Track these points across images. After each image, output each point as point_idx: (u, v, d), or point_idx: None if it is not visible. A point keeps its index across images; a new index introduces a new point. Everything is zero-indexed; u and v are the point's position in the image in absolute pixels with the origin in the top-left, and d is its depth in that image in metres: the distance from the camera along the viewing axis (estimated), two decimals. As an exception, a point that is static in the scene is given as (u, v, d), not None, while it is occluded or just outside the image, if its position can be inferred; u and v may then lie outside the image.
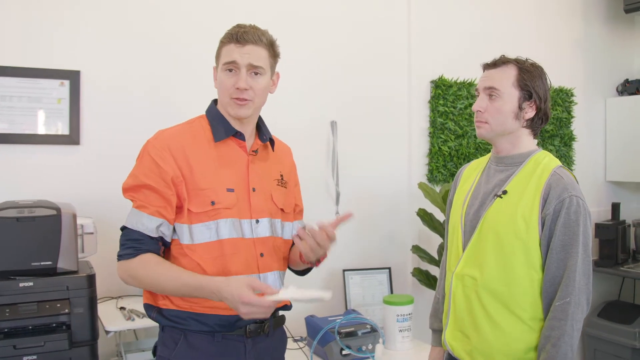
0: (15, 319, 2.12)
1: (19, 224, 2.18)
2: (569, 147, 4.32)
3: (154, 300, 1.80)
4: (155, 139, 1.78)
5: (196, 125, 1.84)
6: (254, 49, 1.76)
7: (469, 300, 1.99)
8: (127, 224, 1.74)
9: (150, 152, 1.75)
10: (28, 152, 2.73)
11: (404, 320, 2.97)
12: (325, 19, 3.42)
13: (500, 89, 1.98)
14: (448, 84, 3.76)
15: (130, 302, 2.72)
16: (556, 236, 1.87)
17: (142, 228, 1.72)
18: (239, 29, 1.77)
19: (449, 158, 3.77)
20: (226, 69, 1.77)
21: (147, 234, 1.72)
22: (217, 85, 1.83)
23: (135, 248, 1.71)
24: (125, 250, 1.73)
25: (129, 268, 1.72)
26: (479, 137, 2.06)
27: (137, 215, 1.73)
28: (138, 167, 1.77)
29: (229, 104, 1.79)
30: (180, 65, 2.98)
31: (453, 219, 2.14)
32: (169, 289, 1.70)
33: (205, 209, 1.74)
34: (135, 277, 1.71)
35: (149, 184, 1.73)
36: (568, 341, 1.82)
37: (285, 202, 1.95)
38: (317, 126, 3.41)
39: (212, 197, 1.75)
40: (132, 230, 1.73)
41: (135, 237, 1.72)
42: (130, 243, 1.72)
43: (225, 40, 1.78)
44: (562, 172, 1.94)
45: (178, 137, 1.78)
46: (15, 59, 2.70)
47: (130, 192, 1.77)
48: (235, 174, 1.82)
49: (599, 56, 4.53)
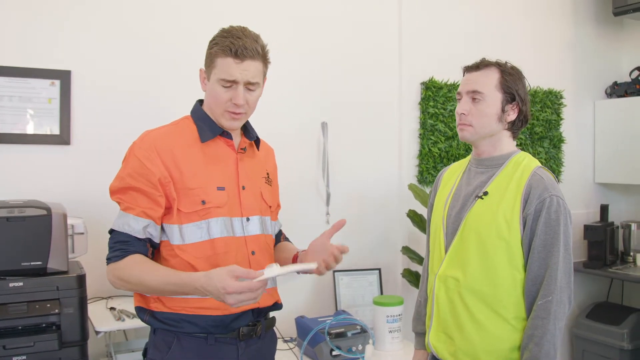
0: (5, 319, 2.11)
1: (9, 223, 2.17)
2: (558, 149, 4.34)
3: (145, 303, 1.80)
4: (141, 140, 1.77)
5: (182, 125, 1.84)
6: (252, 64, 1.74)
7: (452, 301, 2.00)
8: (114, 226, 1.74)
9: (137, 153, 1.74)
10: (18, 151, 2.72)
11: (393, 321, 2.97)
12: (315, 21, 3.43)
13: (484, 92, 1.99)
14: (438, 86, 3.78)
15: (120, 302, 2.72)
16: (537, 236, 1.89)
17: (128, 230, 1.71)
18: (237, 42, 1.72)
19: (439, 159, 3.78)
20: (222, 85, 1.75)
21: (134, 235, 1.71)
22: (209, 94, 1.81)
23: (123, 250, 1.71)
24: (113, 253, 1.72)
25: (117, 270, 1.71)
26: (462, 139, 2.07)
27: (124, 217, 1.73)
28: (124, 169, 1.76)
29: (222, 115, 1.79)
30: (171, 65, 2.98)
31: (435, 222, 2.16)
32: (154, 288, 1.68)
33: (195, 209, 1.74)
34: (122, 278, 1.70)
35: (136, 185, 1.72)
36: (551, 340, 1.84)
37: (272, 200, 1.99)
38: (307, 127, 3.42)
39: (202, 197, 1.75)
40: (119, 233, 1.72)
41: (122, 239, 1.72)
42: (118, 245, 1.72)
43: (221, 52, 1.73)
44: (542, 173, 1.96)
45: (165, 138, 1.77)
46: (6, 58, 2.70)
47: (117, 194, 1.76)
48: (224, 172, 1.82)
49: (588, 58, 4.57)
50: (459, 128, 2.05)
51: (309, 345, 2.82)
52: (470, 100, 2.02)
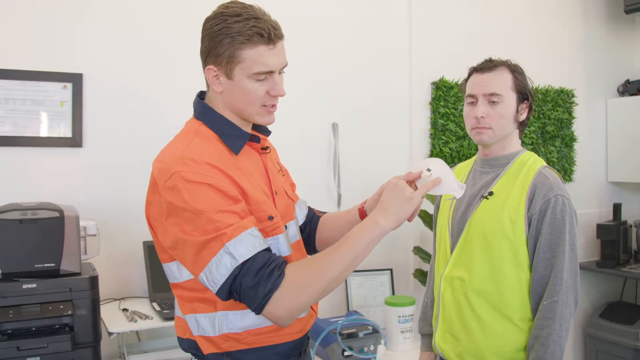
0: (19, 321, 2.13)
1: (22, 226, 2.20)
2: (570, 148, 4.32)
3: (217, 347, 1.49)
4: (184, 164, 1.39)
5: (204, 135, 1.51)
6: (282, 45, 1.49)
7: (457, 302, 2.00)
8: (241, 257, 1.34)
9: (192, 178, 1.36)
10: (31, 154, 2.74)
11: (405, 322, 2.96)
12: (326, 21, 3.44)
13: (502, 94, 1.97)
14: (449, 86, 3.77)
15: (132, 303, 2.74)
16: (543, 235, 1.88)
17: (255, 249, 1.35)
18: (262, 24, 1.43)
19: (450, 159, 3.77)
20: (257, 79, 1.45)
21: (264, 248, 1.37)
22: (236, 94, 1.48)
23: (273, 267, 1.35)
24: (267, 282, 1.33)
25: (293, 285, 1.35)
26: (480, 142, 2.04)
27: (240, 242, 1.34)
28: (188, 202, 1.35)
29: (257, 113, 1.50)
30: (183, 68, 2.99)
31: (440, 223, 2.15)
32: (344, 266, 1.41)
33: (263, 226, 1.45)
34: (307, 286, 1.37)
35: (218, 209, 1.35)
36: (557, 340, 1.83)
37: (292, 192, 1.76)
38: (318, 128, 3.42)
39: (268, 211, 1.48)
40: (254, 259, 1.35)
41: (263, 261, 1.35)
42: (267, 268, 1.35)
43: (248, 42, 1.42)
44: (547, 172, 1.95)
45: (206, 152, 1.44)
46: (19, 62, 2.72)
47: (206, 234, 1.34)
48: (262, 180, 1.56)
49: (599, 57, 4.54)
50: (477, 131, 2.01)
51: (320, 345, 2.82)
52: (487, 102, 1.99)
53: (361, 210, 1.74)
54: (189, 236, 1.36)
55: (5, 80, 2.69)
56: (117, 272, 2.82)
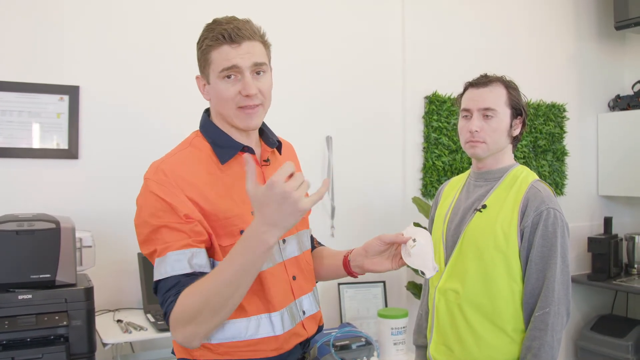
0: (14, 331, 2.14)
1: (19, 237, 2.21)
2: (561, 162, 4.36)
3: (188, 354, 1.52)
4: (155, 174, 1.48)
5: (196, 146, 1.56)
6: (251, 45, 1.50)
7: (451, 314, 2.03)
8: (157, 276, 1.43)
9: (154, 190, 1.45)
10: (27, 166, 2.76)
11: (398, 334, 2.99)
12: (320, 36, 3.47)
13: (496, 109, 2.02)
14: (442, 100, 3.80)
15: (126, 315, 2.74)
16: (535, 248, 1.91)
17: (172, 271, 1.40)
18: (227, 26, 1.48)
19: (443, 173, 3.80)
20: (224, 77, 1.49)
21: (182, 273, 1.40)
22: (214, 98, 1.54)
23: (176, 293, 1.39)
24: (167, 304, 1.40)
25: (179, 314, 1.37)
26: (474, 156, 2.08)
27: (164, 261, 1.41)
28: (143, 210, 1.47)
29: (235, 115, 1.52)
30: (179, 81, 3.01)
31: (435, 236, 2.18)
32: (226, 289, 1.34)
33: (234, 240, 1.44)
34: (192, 317, 1.36)
35: (163, 224, 1.43)
36: (548, 351, 1.86)
37: None
38: (312, 141, 3.45)
39: (239, 225, 1.48)
40: (165, 280, 1.41)
41: (171, 285, 1.40)
42: (170, 292, 1.40)
43: (213, 43, 1.48)
44: (539, 186, 1.98)
45: (181, 167, 1.49)
46: (15, 74, 2.74)
47: (147, 244, 1.46)
48: None
49: (590, 72, 4.59)
50: (470, 145, 2.05)
51: (314, 357, 2.83)
52: (481, 116, 2.03)
53: (345, 259, 1.72)
54: (139, 231, 1.49)
55: (2, 92, 2.71)
56: (112, 283, 2.82)
